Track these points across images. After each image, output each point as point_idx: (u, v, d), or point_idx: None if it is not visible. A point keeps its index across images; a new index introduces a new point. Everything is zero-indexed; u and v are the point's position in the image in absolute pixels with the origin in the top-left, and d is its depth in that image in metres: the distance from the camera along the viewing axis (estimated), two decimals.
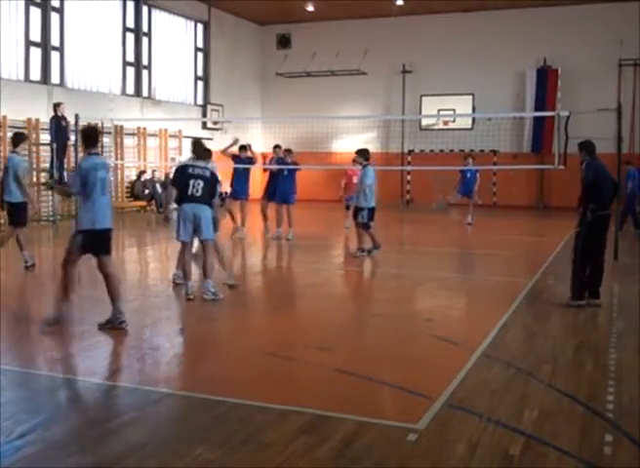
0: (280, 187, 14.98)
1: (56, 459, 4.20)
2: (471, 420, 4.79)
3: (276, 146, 15.62)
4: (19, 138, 11.05)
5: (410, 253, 14.34)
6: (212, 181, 8.74)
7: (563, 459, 4.26)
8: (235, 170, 15.39)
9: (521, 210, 23.47)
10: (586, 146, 8.67)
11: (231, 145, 15.27)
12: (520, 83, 24.80)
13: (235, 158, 15.35)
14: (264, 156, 15.19)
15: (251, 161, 15.52)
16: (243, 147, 15.42)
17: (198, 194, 8.50)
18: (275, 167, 15.24)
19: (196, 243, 9.03)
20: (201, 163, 8.81)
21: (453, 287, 10.42)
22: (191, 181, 8.50)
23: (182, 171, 8.75)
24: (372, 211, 12.70)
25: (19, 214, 10.73)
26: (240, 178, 15.22)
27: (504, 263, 12.62)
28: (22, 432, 4.51)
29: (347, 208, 16.63)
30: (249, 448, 4.35)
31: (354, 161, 14.45)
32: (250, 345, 6.79)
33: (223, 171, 13.38)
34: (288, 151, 15.40)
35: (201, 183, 8.51)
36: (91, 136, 7.35)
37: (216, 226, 8.95)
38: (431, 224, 19.80)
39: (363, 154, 13.12)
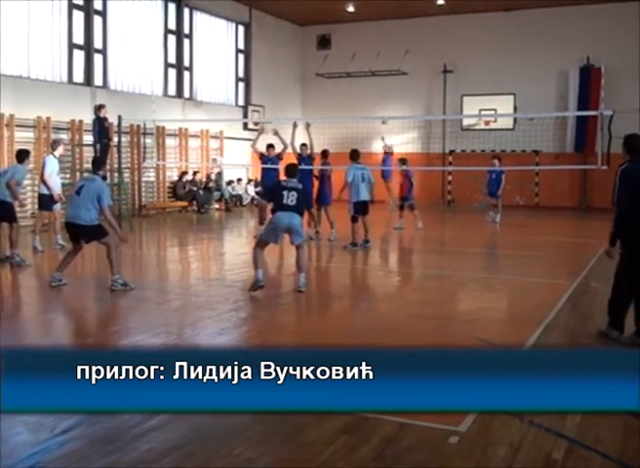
0: (319, 189, 14.92)
1: (98, 456, 4.24)
2: (513, 423, 4.73)
3: (302, 145, 14.90)
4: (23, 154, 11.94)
5: (450, 253, 14.21)
6: (304, 192, 9.56)
7: (606, 464, 4.20)
8: (264, 170, 15.07)
9: (564, 210, 23.16)
10: None
11: (258, 136, 15.21)
12: (563, 82, 24.49)
13: (262, 157, 14.98)
14: (314, 159, 14.93)
15: (279, 160, 14.76)
16: (271, 145, 15.05)
17: (293, 204, 9.19)
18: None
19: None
20: (294, 180, 9.46)
21: (494, 288, 10.30)
22: (285, 192, 9.22)
23: (277, 185, 9.68)
24: (360, 205, 13.31)
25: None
26: (270, 179, 14.23)
27: (546, 265, 12.44)
28: (66, 428, 4.55)
29: (402, 208, 16.75)
30: (289, 447, 4.36)
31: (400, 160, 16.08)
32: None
33: None
34: (324, 153, 15.15)
35: (295, 194, 9.23)
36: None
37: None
38: (472, 225, 19.65)
39: (351, 155, 13.84)
